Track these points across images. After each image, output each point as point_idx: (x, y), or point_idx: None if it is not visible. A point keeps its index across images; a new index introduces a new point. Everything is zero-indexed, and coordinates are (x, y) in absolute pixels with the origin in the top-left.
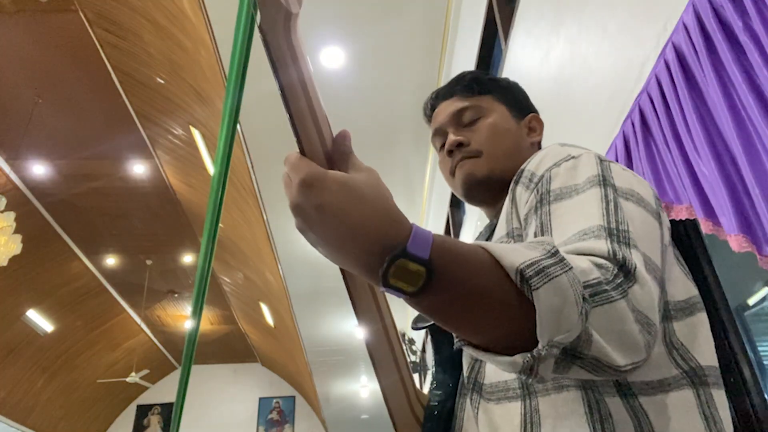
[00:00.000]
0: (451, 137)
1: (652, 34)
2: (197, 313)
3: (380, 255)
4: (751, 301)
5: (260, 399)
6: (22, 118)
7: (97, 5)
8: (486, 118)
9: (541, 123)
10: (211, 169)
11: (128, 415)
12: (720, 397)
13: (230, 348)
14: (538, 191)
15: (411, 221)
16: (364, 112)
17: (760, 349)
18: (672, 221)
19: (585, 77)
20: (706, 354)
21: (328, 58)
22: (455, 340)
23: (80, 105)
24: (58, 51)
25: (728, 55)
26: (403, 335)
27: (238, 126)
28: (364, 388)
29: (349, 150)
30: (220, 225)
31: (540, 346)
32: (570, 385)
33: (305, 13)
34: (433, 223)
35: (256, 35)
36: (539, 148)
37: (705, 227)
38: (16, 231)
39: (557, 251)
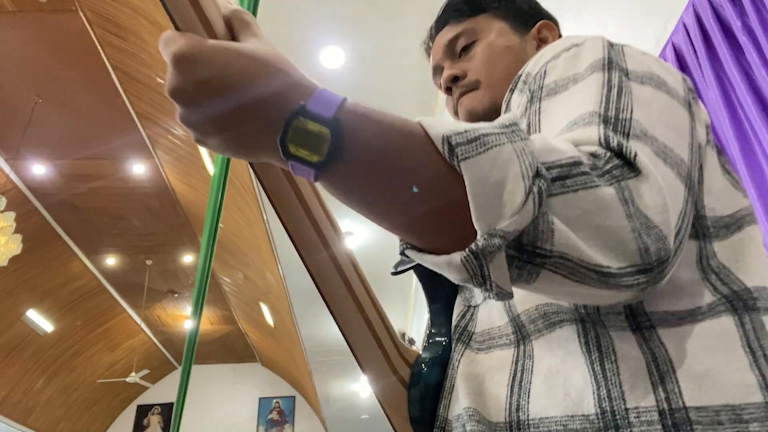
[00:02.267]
0: (446, 72)
1: (652, 34)
2: (197, 313)
3: (277, 120)
4: None
5: (260, 399)
6: (22, 118)
7: (97, 5)
8: (481, 41)
9: (554, 29)
10: (211, 169)
11: (128, 415)
12: None
13: (230, 348)
14: (530, 90)
15: None
16: None
17: None
18: None
19: None
20: (756, 273)
21: (328, 58)
22: (399, 246)
23: (80, 105)
24: (58, 51)
25: (727, 55)
26: (403, 335)
27: None
28: (364, 388)
29: (244, 14)
30: (220, 225)
31: (478, 236)
32: (565, 320)
33: (305, 13)
34: None
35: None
36: None
37: None
38: (16, 231)
39: (514, 123)
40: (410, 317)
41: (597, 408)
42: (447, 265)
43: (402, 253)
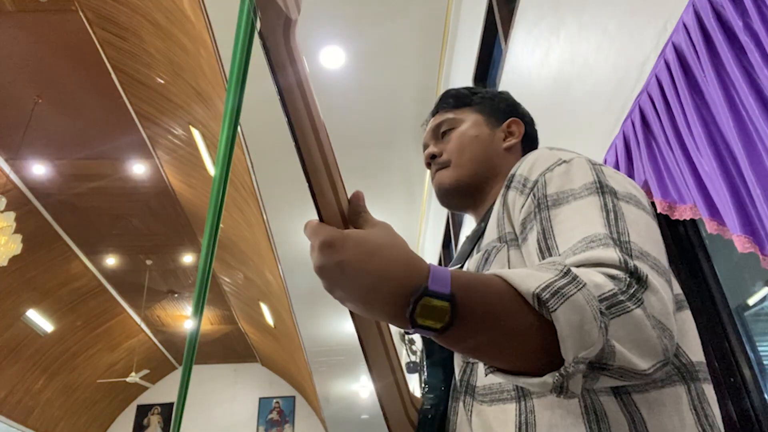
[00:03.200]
0: (427, 150)
1: (653, 34)
2: (198, 313)
3: (404, 298)
4: (751, 301)
5: (260, 399)
6: (22, 118)
7: (97, 5)
8: (457, 128)
9: (520, 126)
10: (211, 169)
11: (128, 415)
12: (710, 392)
13: (230, 348)
14: (534, 196)
15: (411, 221)
16: (364, 112)
17: (760, 349)
18: (673, 221)
19: (585, 77)
20: (694, 350)
21: (328, 58)
22: (485, 368)
23: (80, 105)
24: (58, 51)
25: (728, 55)
26: (403, 335)
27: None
28: (364, 388)
29: (363, 209)
30: (221, 225)
31: (566, 364)
32: None
33: (305, 13)
34: (433, 223)
35: (256, 39)
36: (522, 151)
37: (710, 227)
38: (16, 231)
39: (569, 270)
40: None
41: None
42: (540, 385)
43: (487, 374)
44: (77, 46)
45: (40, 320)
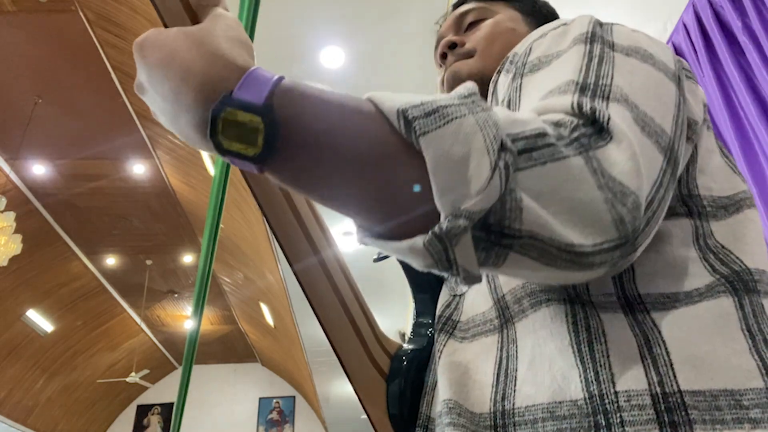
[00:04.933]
0: (445, 38)
1: (653, 34)
2: (198, 313)
3: (204, 109)
4: None
5: (260, 399)
6: (22, 118)
7: (97, 5)
8: (490, 18)
9: None
10: (211, 169)
11: (128, 415)
12: None
13: (230, 348)
14: (514, 68)
15: None
16: None
17: None
18: None
19: None
20: (757, 255)
21: (328, 58)
22: (356, 231)
23: (80, 105)
24: (58, 51)
25: (727, 55)
26: (403, 335)
27: None
28: None
29: (214, 2)
30: (221, 225)
31: (442, 217)
32: (552, 298)
33: (305, 13)
34: None
35: (257, 36)
36: None
37: None
38: (16, 231)
39: (473, 93)
40: (410, 317)
41: (584, 392)
42: (409, 250)
43: (361, 242)
44: (77, 46)
45: (40, 320)
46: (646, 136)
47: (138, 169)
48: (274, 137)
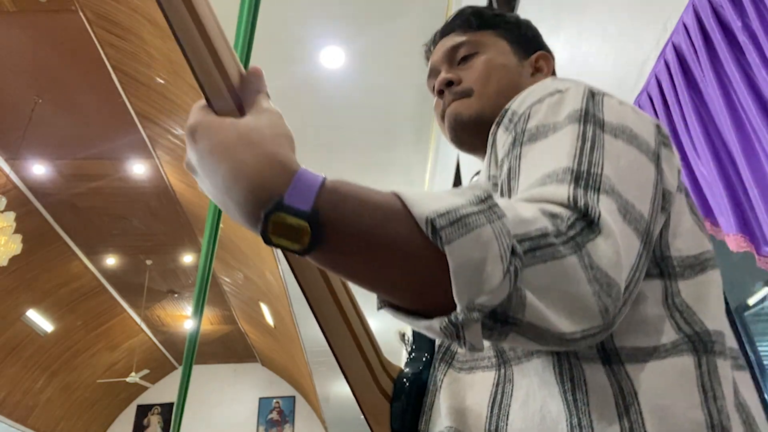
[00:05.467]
0: (441, 75)
1: (652, 35)
2: (198, 313)
3: (255, 210)
4: (751, 301)
5: (260, 399)
6: (22, 118)
7: (97, 5)
8: (482, 54)
9: (549, 62)
10: None
11: (128, 415)
12: (724, 370)
13: (230, 348)
14: (514, 131)
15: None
16: (364, 112)
17: (760, 349)
18: None
19: (585, 77)
20: (715, 317)
21: (328, 58)
22: (377, 303)
23: (80, 105)
24: (58, 51)
25: (727, 56)
26: (403, 335)
27: None
28: None
29: (257, 89)
30: (221, 225)
31: (458, 309)
32: (540, 351)
33: (305, 13)
34: None
35: (256, 36)
36: None
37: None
38: (16, 231)
39: (488, 197)
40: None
41: None
42: (426, 328)
43: (379, 309)
44: (77, 46)
45: (40, 320)
46: (627, 224)
47: (138, 169)
48: (319, 238)
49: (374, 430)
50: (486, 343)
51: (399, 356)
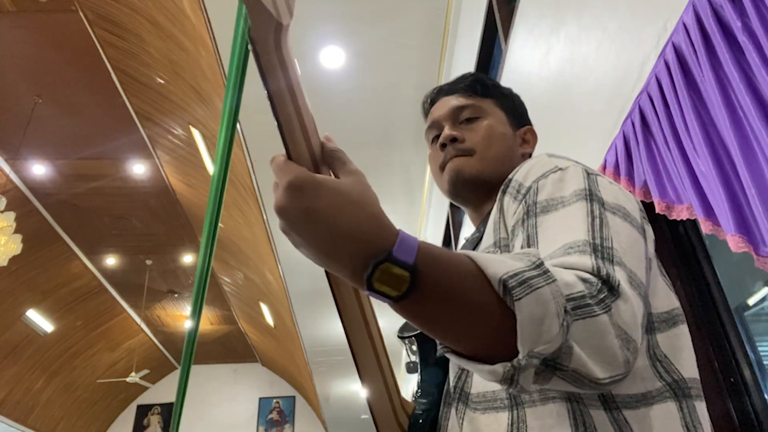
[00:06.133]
0: (447, 131)
1: (652, 34)
2: (197, 313)
3: (365, 260)
4: (751, 301)
5: (260, 399)
6: (22, 118)
7: (97, 5)
8: (484, 119)
9: (535, 137)
10: (211, 168)
11: (128, 415)
12: (702, 410)
13: (230, 348)
14: (525, 202)
15: (411, 221)
16: (364, 112)
17: (760, 349)
18: (671, 221)
19: (585, 77)
20: (688, 366)
21: (328, 58)
22: (439, 347)
23: (80, 105)
24: (58, 51)
25: (727, 56)
26: (403, 336)
27: (238, 126)
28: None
29: (339, 153)
30: (220, 225)
31: (520, 356)
32: (556, 396)
33: (305, 13)
34: (433, 223)
35: None
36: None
37: (705, 227)
38: (16, 231)
39: (542, 263)
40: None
41: None
42: (489, 372)
43: (442, 355)
44: (77, 46)
45: (40, 320)
46: (635, 290)
47: (138, 169)
48: (414, 288)
49: None
50: (499, 386)
51: (399, 356)
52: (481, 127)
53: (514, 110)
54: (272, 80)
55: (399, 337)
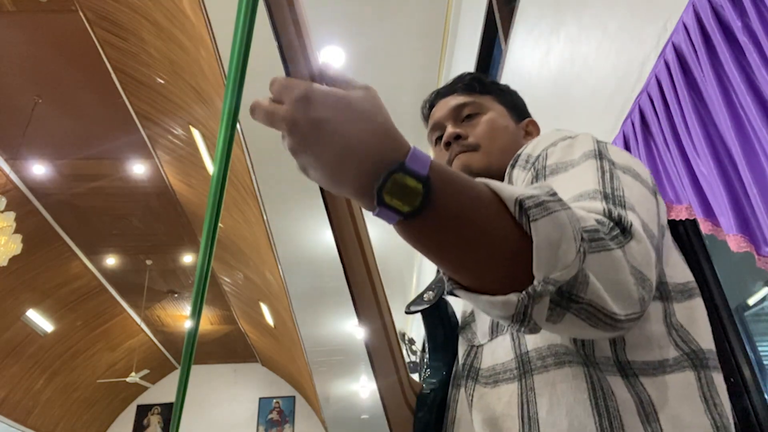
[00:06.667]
0: (450, 129)
1: (652, 34)
2: (197, 313)
3: (377, 170)
4: (751, 301)
5: (260, 399)
6: (22, 118)
7: (97, 5)
8: (485, 114)
9: (537, 128)
10: (211, 169)
11: (128, 415)
12: (720, 381)
13: (230, 348)
14: (534, 168)
15: None
16: None
17: (760, 349)
18: (672, 221)
19: (585, 77)
20: (705, 337)
21: (328, 58)
22: (446, 285)
23: (80, 105)
24: (58, 51)
25: (727, 56)
26: (403, 335)
27: (237, 126)
28: (363, 388)
29: (343, 75)
30: (220, 225)
31: (536, 281)
32: (571, 361)
33: (305, 13)
34: None
35: (255, 36)
36: None
37: (704, 227)
38: (16, 231)
39: (556, 193)
40: (411, 318)
41: None
42: (503, 303)
43: (450, 293)
44: (77, 46)
45: (40, 320)
46: (648, 237)
47: (138, 169)
48: (428, 201)
49: None
50: (509, 357)
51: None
52: (483, 122)
53: (514, 104)
54: (276, 9)
55: (407, 312)
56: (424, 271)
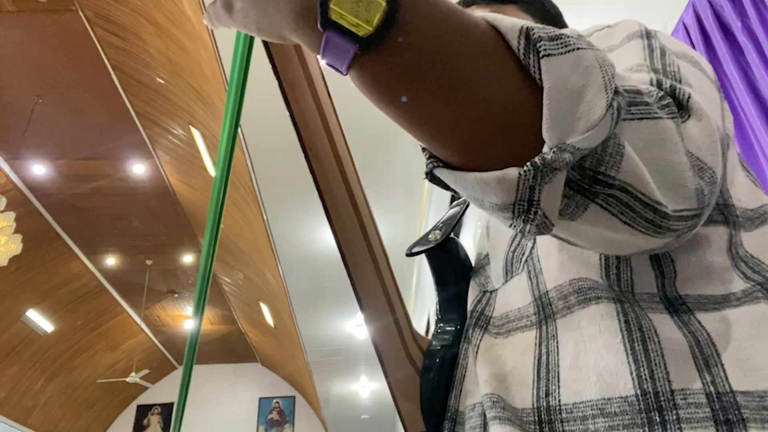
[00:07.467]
0: None
1: None
2: (199, 313)
3: None
4: None
5: (260, 399)
6: (22, 118)
7: (97, 5)
8: None
9: None
10: (211, 168)
11: (128, 415)
12: None
13: (230, 348)
14: None
15: (411, 220)
16: (365, 112)
17: None
18: None
19: None
20: None
21: None
22: (426, 162)
23: (80, 105)
24: (58, 51)
25: (727, 55)
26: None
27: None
28: (364, 388)
29: None
30: (221, 225)
31: (546, 148)
32: (599, 297)
33: None
34: (433, 223)
35: (257, 39)
36: None
37: None
38: (16, 231)
39: (582, 36)
40: (412, 310)
41: (637, 389)
42: (497, 181)
43: (430, 174)
44: (77, 46)
45: (40, 320)
46: (712, 117)
47: (138, 169)
48: (392, 20)
49: (401, 407)
50: (526, 300)
51: (408, 283)
52: None
53: (545, 14)
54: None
55: (408, 254)
56: (425, 270)
